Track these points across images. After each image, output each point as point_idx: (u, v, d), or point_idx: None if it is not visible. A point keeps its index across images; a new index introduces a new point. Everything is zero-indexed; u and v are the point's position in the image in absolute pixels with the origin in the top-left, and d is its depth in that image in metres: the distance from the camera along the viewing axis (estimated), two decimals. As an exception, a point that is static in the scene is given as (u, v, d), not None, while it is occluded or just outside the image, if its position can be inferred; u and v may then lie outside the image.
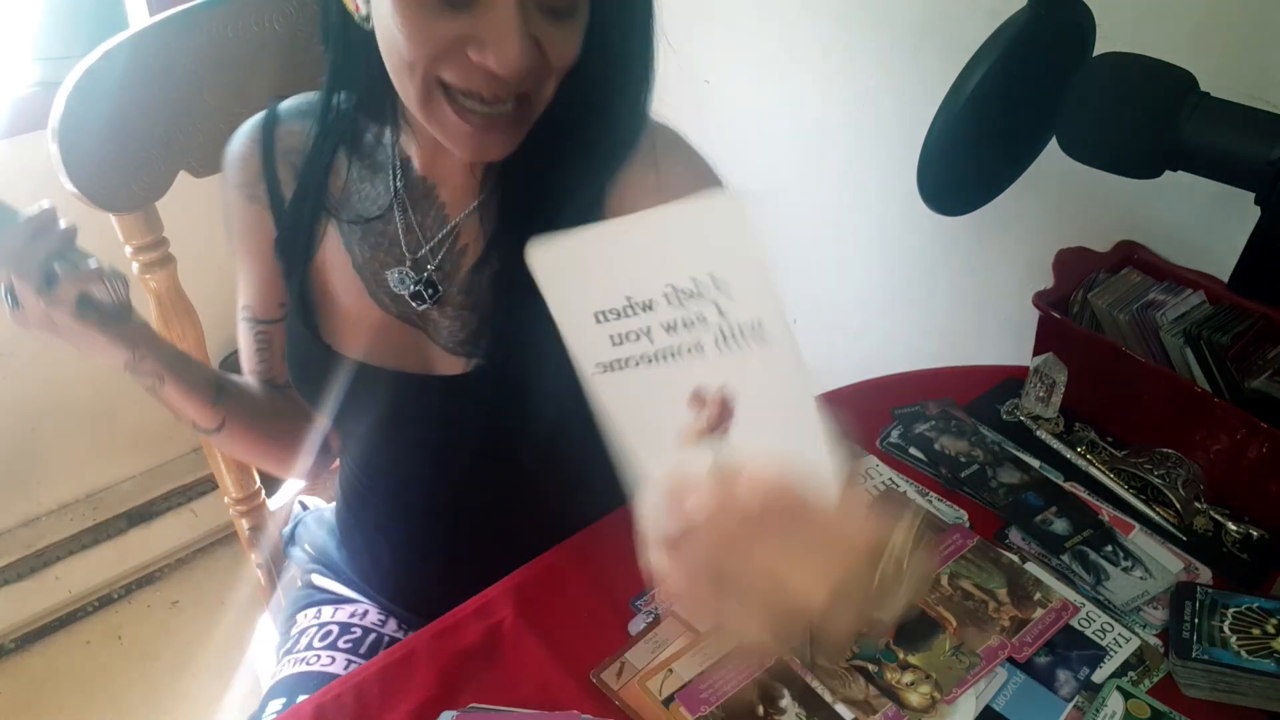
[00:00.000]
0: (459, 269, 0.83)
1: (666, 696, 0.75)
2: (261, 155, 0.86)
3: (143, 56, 0.90)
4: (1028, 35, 0.83)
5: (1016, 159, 1.00)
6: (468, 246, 0.83)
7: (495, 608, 0.83)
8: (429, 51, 0.67)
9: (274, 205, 0.86)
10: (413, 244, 0.83)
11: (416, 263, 0.83)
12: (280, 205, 0.86)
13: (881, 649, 0.78)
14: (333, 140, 0.83)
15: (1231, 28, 0.98)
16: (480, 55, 0.66)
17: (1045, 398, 1.02)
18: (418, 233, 0.83)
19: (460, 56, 0.67)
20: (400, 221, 0.83)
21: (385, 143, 0.83)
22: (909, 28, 1.27)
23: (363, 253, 0.84)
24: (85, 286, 0.77)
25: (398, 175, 0.83)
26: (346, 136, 0.83)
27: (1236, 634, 0.78)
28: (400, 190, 0.83)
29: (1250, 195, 0.72)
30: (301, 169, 0.85)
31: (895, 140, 1.36)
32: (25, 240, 0.74)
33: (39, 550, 1.79)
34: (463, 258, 0.83)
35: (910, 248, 1.42)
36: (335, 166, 0.84)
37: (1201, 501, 0.94)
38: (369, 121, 0.83)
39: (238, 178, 0.87)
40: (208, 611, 1.84)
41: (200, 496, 1.96)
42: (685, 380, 0.50)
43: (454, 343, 0.84)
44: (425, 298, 0.83)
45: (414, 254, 0.83)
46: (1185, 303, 1.00)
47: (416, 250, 0.83)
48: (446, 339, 0.84)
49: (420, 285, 0.83)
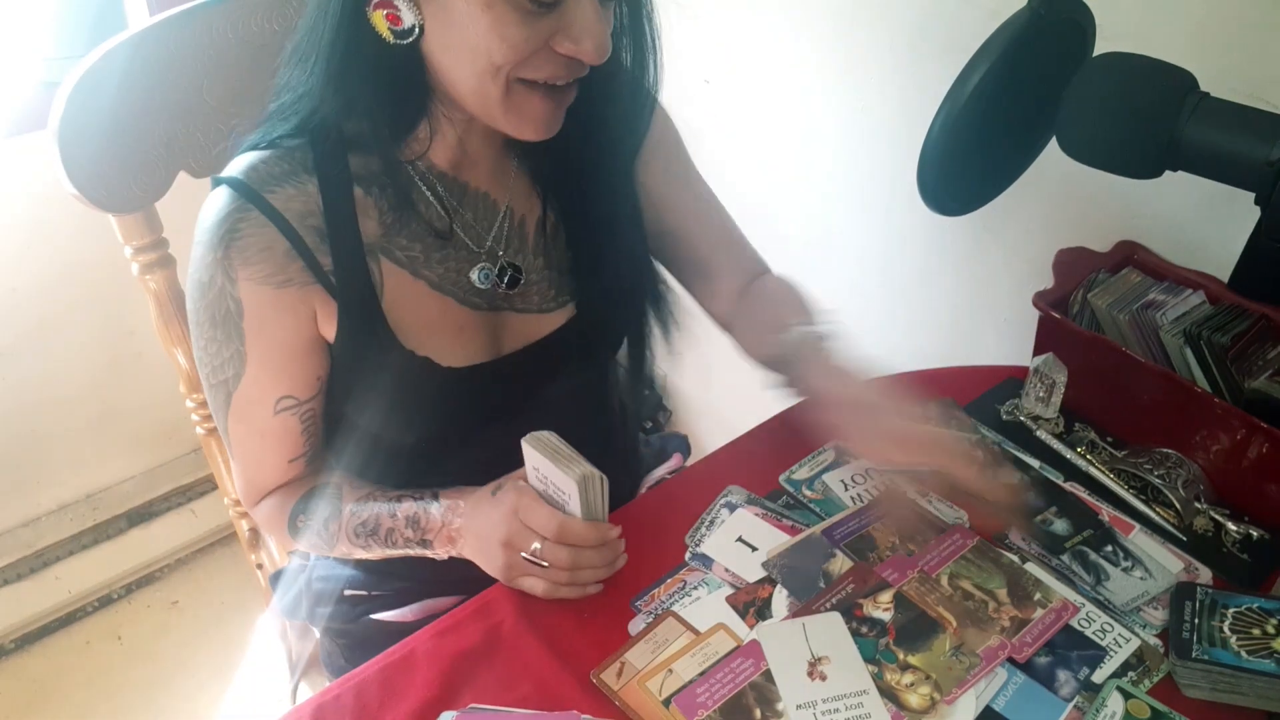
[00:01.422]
0: (526, 239, 0.90)
1: (666, 697, 0.75)
2: (284, 233, 0.79)
3: (143, 56, 0.90)
4: (1028, 35, 0.83)
5: (1016, 159, 1.00)
6: (524, 217, 0.90)
7: (495, 608, 0.83)
8: (524, 52, 0.72)
9: (317, 276, 0.81)
10: (476, 239, 0.88)
11: (489, 254, 0.88)
12: (322, 273, 0.81)
13: (883, 650, 0.78)
14: (345, 184, 0.81)
15: (1231, 28, 0.98)
16: (574, 46, 0.72)
17: (1045, 398, 1.02)
18: (475, 229, 0.88)
19: (546, 51, 0.73)
20: (459, 224, 0.87)
21: (402, 160, 0.82)
22: (908, 28, 1.27)
23: (435, 272, 0.86)
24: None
25: (434, 186, 0.85)
26: (355, 174, 0.81)
27: (1236, 634, 0.78)
28: (445, 196, 0.85)
29: (1250, 195, 0.72)
30: (329, 227, 0.80)
31: (895, 140, 1.36)
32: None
33: (39, 550, 1.80)
34: (524, 228, 0.90)
35: (910, 248, 1.42)
36: (360, 204, 0.81)
37: (1201, 501, 0.94)
38: (381, 141, 0.80)
39: (263, 272, 0.79)
40: (208, 611, 1.85)
41: (200, 496, 1.96)
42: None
43: (546, 299, 0.92)
44: (514, 280, 0.89)
45: (482, 248, 0.88)
46: (1185, 303, 1.00)
47: (483, 244, 0.88)
48: (539, 302, 0.91)
49: (501, 271, 0.88)
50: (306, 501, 0.91)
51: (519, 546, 0.81)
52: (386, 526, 0.87)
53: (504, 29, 0.71)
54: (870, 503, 0.92)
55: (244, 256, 0.78)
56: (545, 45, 0.73)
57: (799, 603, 0.82)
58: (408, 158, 0.83)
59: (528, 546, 0.80)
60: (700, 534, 0.90)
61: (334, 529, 0.89)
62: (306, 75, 0.78)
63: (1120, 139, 0.78)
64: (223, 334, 0.82)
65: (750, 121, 1.57)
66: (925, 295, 1.44)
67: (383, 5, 0.72)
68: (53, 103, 0.86)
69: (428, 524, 0.86)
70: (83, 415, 1.79)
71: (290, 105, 0.81)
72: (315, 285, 0.81)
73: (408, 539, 0.87)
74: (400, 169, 0.83)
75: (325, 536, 0.90)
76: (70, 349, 1.72)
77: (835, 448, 0.99)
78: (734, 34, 1.52)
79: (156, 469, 1.95)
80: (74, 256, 1.62)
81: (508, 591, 0.84)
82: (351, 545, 0.89)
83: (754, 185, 1.62)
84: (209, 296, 0.80)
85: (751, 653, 0.78)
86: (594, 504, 0.80)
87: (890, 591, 0.83)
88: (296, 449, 0.90)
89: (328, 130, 0.80)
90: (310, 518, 0.90)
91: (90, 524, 1.85)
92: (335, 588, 1.02)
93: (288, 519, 0.91)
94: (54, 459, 1.80)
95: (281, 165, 0.80)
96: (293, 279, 0.80)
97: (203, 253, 0.80)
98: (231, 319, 0.81)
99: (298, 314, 0.82)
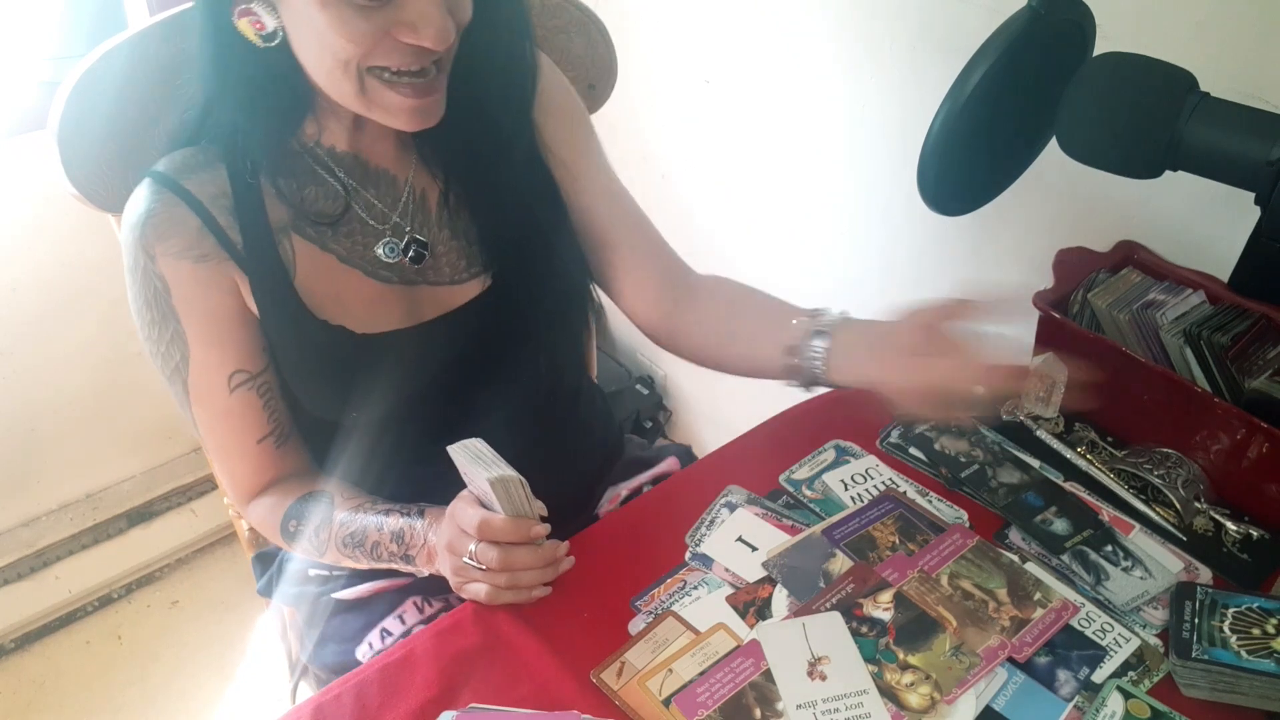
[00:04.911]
0: (429, 213, 0.92)
1: (666, 697, 0.75)
2: (196, 212, 0.84)
3: (143, 56, 0.89)
4: (1028, 35, 0.83)
5: (1016, 159, 1.00)
6: (425, 191, 0.92)
7: (495, 608, 0.83)
8: (365, 45, 0.74)
9: (230, 252, 0.85)
10: (379, 216, 0.90)
11: (395, 229, 0.90)
12: (234, 249, 0.85)
13: (883, 649, 0.78)
14: (250, 169, 0.85)
15: (1231, 28, 0.98)
16: (414, 35, 0.74)
17: (1045, 398, 1.02)
18: (378, 206, 0.90)
19: (389, 41, 0.75)
20: (360, 203, 0.89)
21: (303, 147, 0.87)
22: (908, 27, 1.27)
23: (342, 247, 0.89)
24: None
25: (334, 167, 0.88)
26: (258, 160, 0.85)
27: (1236, 634, 0.78)
28: (344, 178, 0.88)
29: (1250, 195, 0.72)
30: (238, 209, 0.85)
31: (895, 140, 1.36)
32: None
33: (39, 550, 1.79)
34: (427, 201, 0.92)
35: (910, 248, 1.42)
36: (265, 190, 0.86)
37: (1201, 501, 0.94)
38: (269, 136, 0.85)
39: (178, 245, 0.83)
40: (208, 611, 1.84)
41: (200, 496, 1.96)
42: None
43: (458, 271, 0.93)
44: (419, 255, 0.90)
45: (387, 224, 0.90)
46: (1185, 303, 1.00)
47: (386, 220, 0.90)
48: (450, 274, 0.93)
49: (407, 246, 0.90)
50: (299, 506, 0.92)
51: (459, 550, 0.82)
52: (373, 540, 0.89)
53: (342, 25, 0.73)
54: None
55: (158, 232, 0.83)
56: (387, 35, 0.74)
57: (799, 602, 0.82)
58: (305, 145, 0.87)
59: (465, 549, 0.81)
60: (700, 534, 0.90)
61: (324, 537, 0.91)
62: (198, 86, 0.84)
63: (1120, 139, 0.78)
64: (158, 314, 0.85)
65: (750, 121, 1.57)
66: (925, 295, 1.43)
67: (245, 14, 0.76)
68: (53, 103, 0.86)
69: (411, 540, 0.87)
70: (83, 415, 1.79)
71: (193, 117, 0.86)
72: (230, 261, 0.85)
73: (392, 553, 0.88)
74: (296, 157, 0.87)
75: (316, 544, 0.91)
76: (70, 348, 1.72)
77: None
78: (734, 34, 1.52)
79: (156, 469, 1.95)
80: (74, 256, 1.62)
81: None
82: (340, 554, 0.91)
83: (754, 185, 1.63)
84: (138, 280, 0.85)
85: (751, 652, 0.78)
86: (519, 506, 0.80)
87: (890, 591, 0.83)
88: (261, 427, 0.92)
89: (226, 128, 0.84)
90: (302, 524, 0.91)
91: (90, 524, 1.85)
92: (301, 568, 1.06)
93: (280, 522, 0.92)
94: (54, 459, 1.80)
95: (196, 157, 0.85)
96: (208, 254, 0.84)
97: (125, 237, 0.85)
98: (161, 297, 0.85)
99: (220, 287, 0.86)
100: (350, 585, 1.03)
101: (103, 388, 1.78)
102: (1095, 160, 0.81)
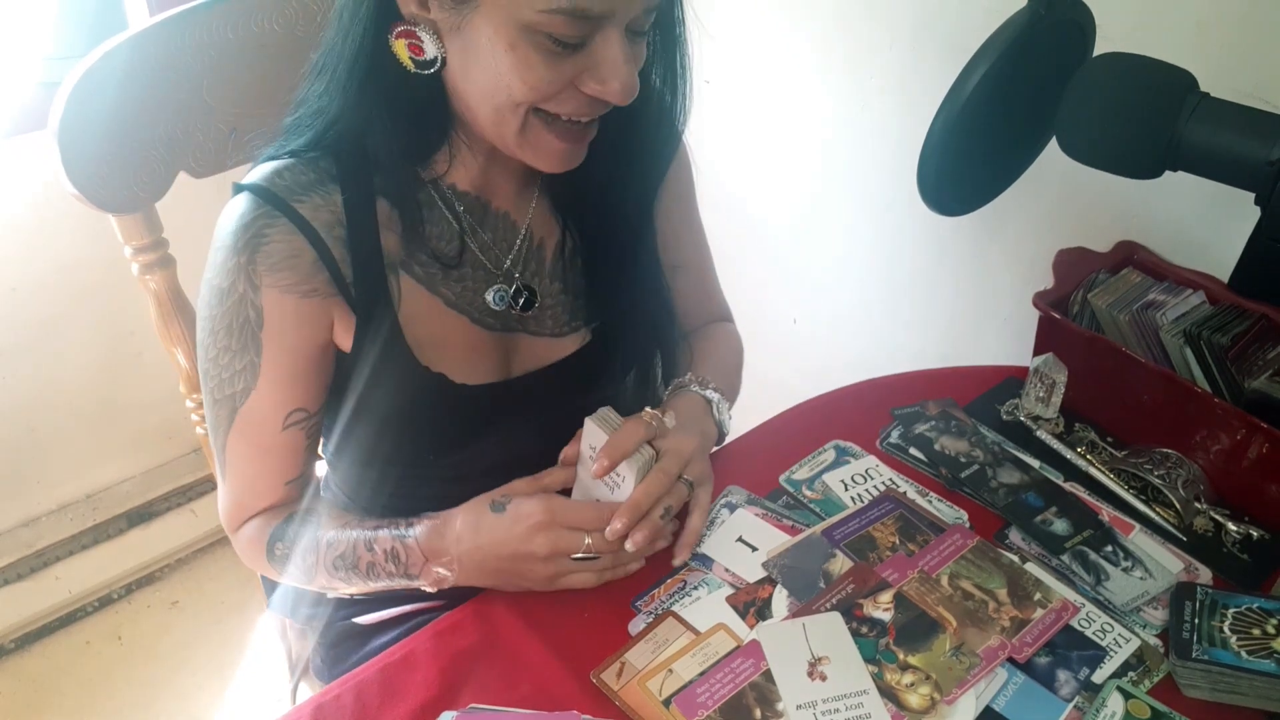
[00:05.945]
0: (544, 263, 0.90)
1: (666, 697, 0.75)
2: (312, 244, 0.78)
3: (143, 56, 0.89)
4: (1028, 35, 0.83)
5: (1016, 159, 1.00)
6: (543, 240, 0.90)
7: (495, 607, 0.83)
8: (546, 92, 0.72)
9: (340, 289, 0.80)
10: (494, 260, 0.87)
11: (505, 276, 0.88)
12: (345, 287, 0.80)
13: (883, 650, 0.78)
14: (368, 198, 0.80)
15: (1231, 28, 0.98)
16: (600, 87, 0.72)
17: (1045, 398, 1.02)
18: (494, 250, 0.87)
19: (571, 89, 0.72)
20: (475, 245, 0.86)
21: (425, 179, 0.82)
22: (908, 28, 1.27)
23: (452, 290, 0.85)
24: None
25: (454, 205, 0.84)
26: (385, 187, 0.80)
27: (1236, 634, 0.78)
28: (464, 217, 0.85)
29: (1250, 195, 0.72)
30: (351, 240, 0.79)
31: (895, 140, 1.36)
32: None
33: (39, 550, 1.79)
34: (543, 251, 0.90)
35: (910, 248, 1.42)
36: (381, 222, 0.81)
37: (1201, 501, 0.94)
38: (404, 163, 0.80)
39: (289, 279, 0.78)
40: (208, 611, 1.84)
41: (200, 496, 1.96)
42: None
43: (560, 324, 0.91)
44: (529, 303, 0.88)
45: (499, 269, 0.87)
46: (1185, 303, 1.00)
47: (500, 265, 0.88)
48: (552, 326, 0.91)
49: (517, 294, 0.87)
50: (284, 527, 0.88)
51: (566, 551, 0.79)
52: (366, 560, 0.84)
53: (526, 70, 0.70)
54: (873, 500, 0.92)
55: (270, 263, 0.77)
56: (569, 85, 0.72)
57: (799, 603, 0.82)
58: (429, 177, 0.83)
59: (577, 547, 0.79)
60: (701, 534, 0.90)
61: (311, 560, 0.86)
62: (324, 91, 0.78)
63: (1120, 139, 0.78)
64: (238, 344, 0.79)
65: (750, 121, 1.57)
66: (925, 295, 1.44)
67: (405, 35, 0.72)
68: (53, 103, 0.86)
69: (409, 558, 0.83)
70: (83, 415, 1.79)
71: (307, 120, 0.80)
72: (338, 297, 0.80)
73: (390, 573, 0.84)
74: (420, 188, 0.82)
75: (304, 568, 0.87)
76: (70, 349, 1.72)
77: (835, 446, 0.99)
78: (734, 34, 1.52)
79: (156, 469, 1.95)
80: (74, 256, 1.62)
81: (508, 591, 0.84)
82: (331, 578, 0.86)
83: (754, 185, 1.63)
84: (227, 304, 0.78)
85: (751, 653, 0.78)
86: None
87: (890, 591, 0.83)
88: (295, 469, 0.88)
89: (349, 145, 0.79)
90: (289, 546, 0.87)
91: (90, 524, 1.85)
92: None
93: (266, 545, 0.88)
94: (54, 459, 1.80)
95: (308, 174, 0.79)
96: (318, 289, 0.79)
97: (224, 258, 0.78)
98: (250, 328, 0.79)
99: (317, 325, 0.81)
100: (371, 611, 1.00)
101: (103, 388, 1.78)
102: (1095, 160, 0.81)
